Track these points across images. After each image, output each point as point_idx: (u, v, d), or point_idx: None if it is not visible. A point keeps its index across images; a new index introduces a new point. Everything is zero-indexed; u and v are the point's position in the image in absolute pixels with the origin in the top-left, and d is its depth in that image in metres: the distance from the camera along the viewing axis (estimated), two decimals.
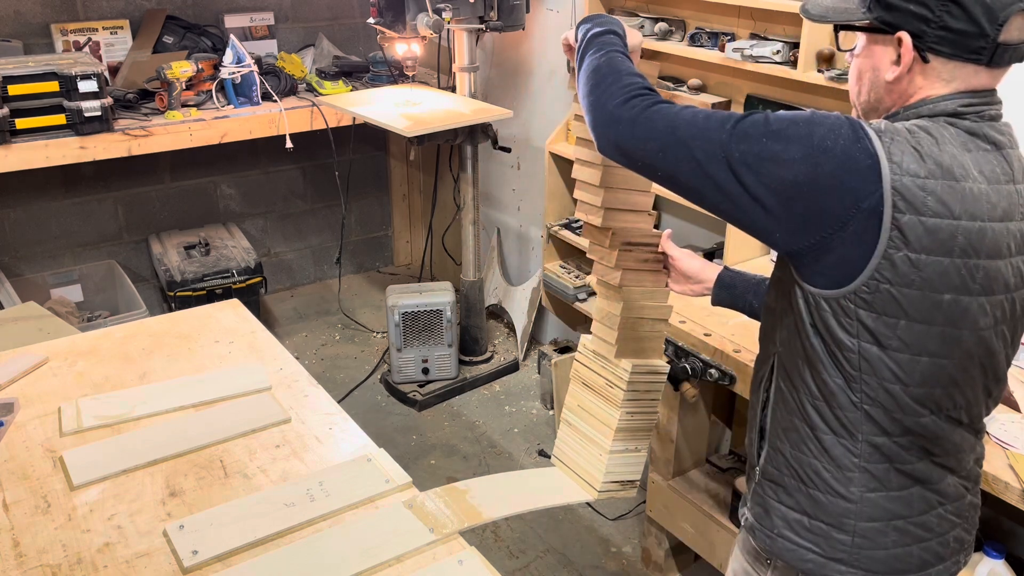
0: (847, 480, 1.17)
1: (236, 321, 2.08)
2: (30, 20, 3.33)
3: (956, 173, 1.04)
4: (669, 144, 1.10)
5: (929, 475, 1.18)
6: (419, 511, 1.42)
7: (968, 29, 1.05)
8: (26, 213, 3.53)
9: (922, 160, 1.03)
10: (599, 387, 1.63)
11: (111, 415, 1.67)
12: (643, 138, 1.12)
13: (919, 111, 1.11)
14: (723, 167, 1.07)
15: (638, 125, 1.13)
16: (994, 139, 1.10)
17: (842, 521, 1.19)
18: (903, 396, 1.11)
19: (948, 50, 1.07)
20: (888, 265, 1.04)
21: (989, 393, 1.19)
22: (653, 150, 1.11)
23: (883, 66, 1.13)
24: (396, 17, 3.01)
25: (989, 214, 1.06)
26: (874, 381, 1.11)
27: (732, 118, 1.08)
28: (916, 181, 1.02)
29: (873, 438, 1.14)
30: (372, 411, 3.37)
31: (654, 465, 2.44)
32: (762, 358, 1.29)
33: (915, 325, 1.07)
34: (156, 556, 1.32)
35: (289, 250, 4.30)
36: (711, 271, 1.56)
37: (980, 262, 1.06)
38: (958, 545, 1.25)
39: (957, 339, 1.09)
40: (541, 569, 2.57)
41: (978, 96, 1.10)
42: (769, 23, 2.48)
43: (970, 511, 1.26)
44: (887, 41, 1.12)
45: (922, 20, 1.07)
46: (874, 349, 1.09)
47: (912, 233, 1.02)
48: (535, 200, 3.59)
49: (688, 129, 1.09)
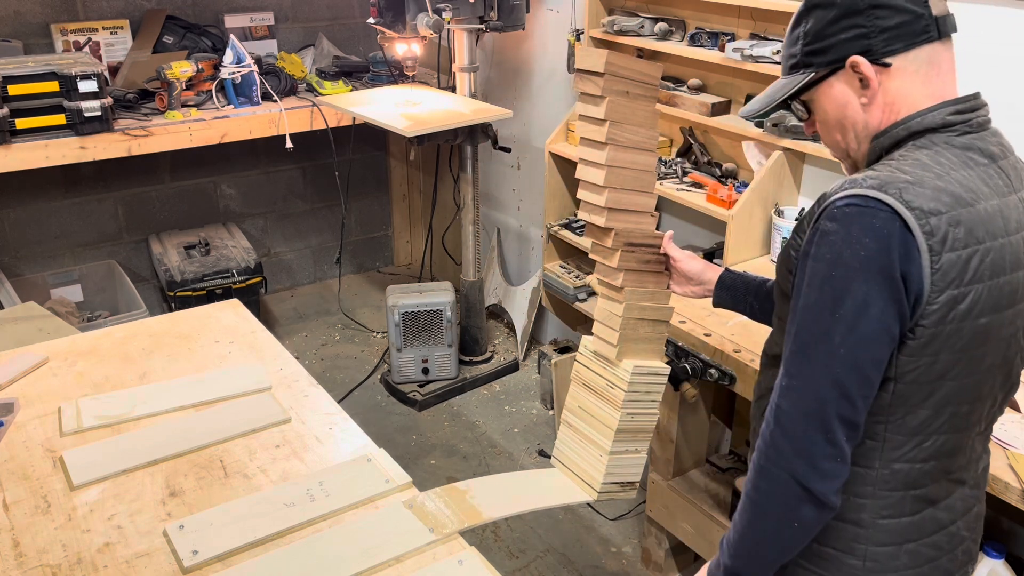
0: (860, 507, 1.15)
1: (236, 321, 2.08)
2: (30, 20, 3.33)
3: (967, 199, 1.04)
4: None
5: (941, 494, 1.17)
6: (419, 511, 1.42)
7: (904, 19, 1.06)
8: (26, 213, 3.53)
9: (938, 198, 1.02)
10: (600, 388, 1.63)
11: (111, 415, 1.67)
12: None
13: (909, 127, 1.10)
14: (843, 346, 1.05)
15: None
16: (988, 152, 1.10)
17: (853, 546, 1.17)
18: (930, 421, 1.10)
19: (900, 44, 1.08)
20: (933, 307, 1.03)
21: (1006, 396, 1.19)
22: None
23: (852, 99, 1.12)
24: (396, 17, 3.01)
25: (1005, 229, 1.06)
26: (901, 411, 1.10)
27: (830, 331, 1.05)
28: (941, 219, 1.01)
29: (893, 464, 1.13)
30: (372, 411, 3.37)
31: (654, 465, 2.44)
32: (770, 374, 1.24)
33: (946, 356, 1.06)
34: (156, 556, 1.32)
35: (289, 250, 4.29)
36: (712, 273, 1.56)
37: (1007, 278, 1.06)
38: (966, 557, 1.24)
39: (983, 356, 1.09)
40: (541, 569, 2.57)
41: (962, 103, 1.10)
42: (769, 23, 2.48)
43: (977, 522, 1.25)
44: (840, 78, 1.12)
45: (861, 38, 1.08)
46: (902, 386, 1.08)
47: (952, 270, 1.02)
48: (535, 200, 3.59)
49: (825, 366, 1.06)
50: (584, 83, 1.47)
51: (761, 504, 1.13)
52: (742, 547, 1.17)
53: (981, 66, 1.88)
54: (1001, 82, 1.95)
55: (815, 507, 1.09)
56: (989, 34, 1.96)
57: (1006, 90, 1.92)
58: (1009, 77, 1.95)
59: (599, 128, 1.48)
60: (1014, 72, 1.94)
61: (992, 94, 1.20)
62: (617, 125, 1.48)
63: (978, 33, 1.96)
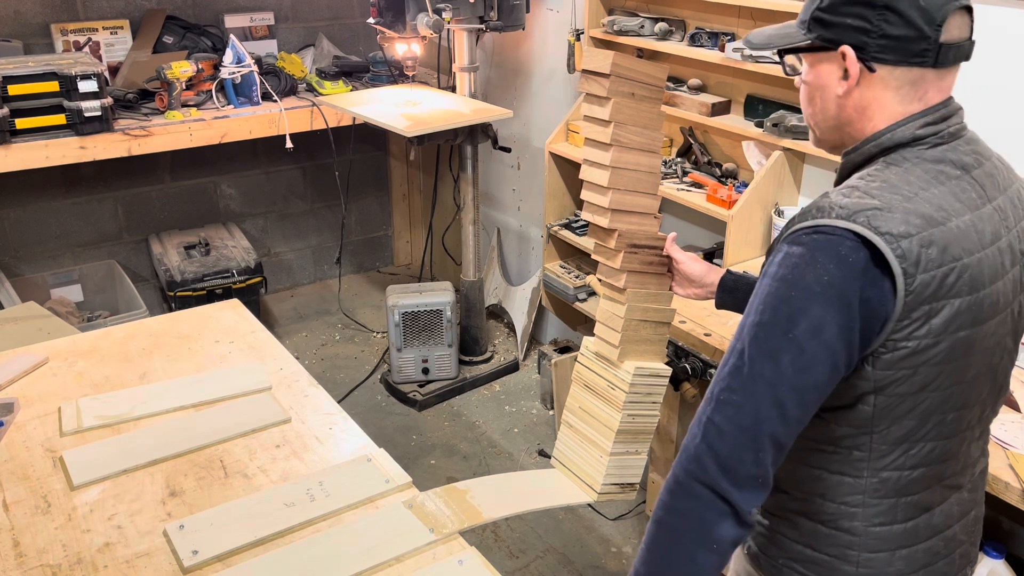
0: (851, 515, 1.15)
1: (236, 321, 2.08)
2: (30, 20, 3.33)
3: (938, 218, 1.03)
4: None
5: (935, 499, 1.16)
6: (419, 511, 1.42)
7: (908, 34, 1.04)
8: (26, 213, 3.53)
9: (907, 220, 1.01)
10: (601, 389, 1.62)
11: (111, 415, 1.67)
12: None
13: (880, 143, 1.09)
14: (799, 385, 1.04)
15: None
16: (961, 163, 1.09)
17: (846, 553, 1.16)
18: (916, 430, 1.10)
19: (892, 57, 1.06)
20: (906, 324, 1.02)
21: (996, 400, 1.18)
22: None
23: (831, 83, 1.12)
24: (396, 17, 3.01)
25: (980, 242, 1.05)
26: (885, 422, 1.09)
27: (781, 360, 1.04)
28: (912, 242, 1.00)
29: (882, 473, 1.12)
30: (372, 411, 3.37)
31: (654, 465, 2.44)
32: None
33: (931, 368, 1.06)
34: (156, 556, 1.32)
35: (289, 250, 4.29)
36: (715, 275, 1.56)
37: (986, 291, 1.05)
38: (964, 560, 1.24)
39: (967, 367, 1.08)
40: (541, 569, 2.57)
41: (932, 113, 1.08)
42: (769, 23, 2.48)
43: (975, 525, 1.25)
44: (831, 58, 1.11)
45: (861, 32, 1.06)
46: (883, 399, 1.07)
47: (925, 290, 1.01)
48: (535, 200, 3.59)
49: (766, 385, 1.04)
50: (589, 84, 1.47)
51: (675, 527, 1.08)
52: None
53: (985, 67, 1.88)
54: (1004, 82, 1.95)
55: (735, 523, 1.05)
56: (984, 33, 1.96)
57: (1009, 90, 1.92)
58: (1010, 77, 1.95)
59: (604, 129, 1.48)
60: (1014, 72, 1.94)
61: (994, 95, 1.19)
62: (622, 126, 1.48)
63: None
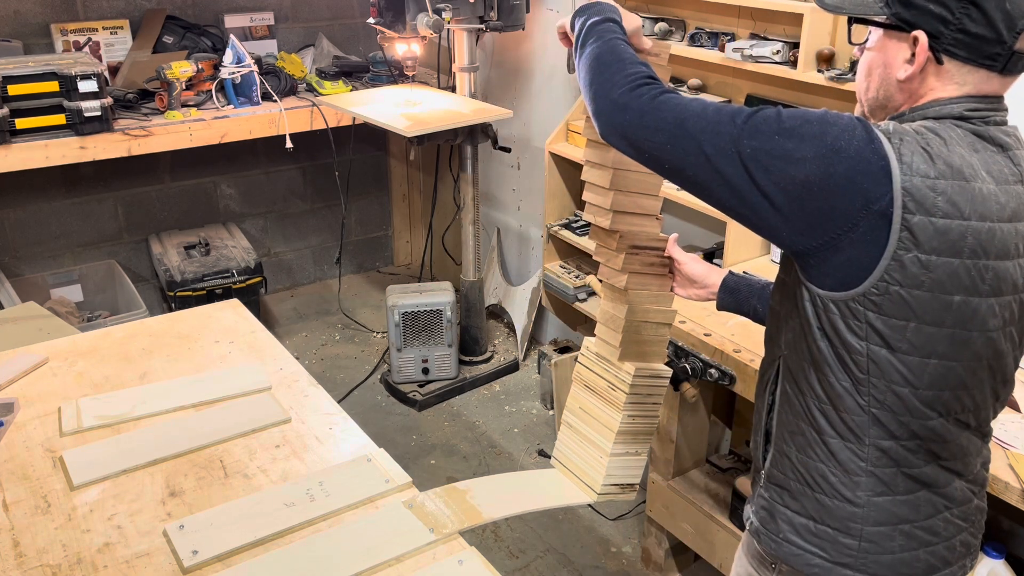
0: (854, 484, 1.16)
1: (236, 321, 2.08)
2: (30, 20, 3.33)
3: (966, 173, 1.04)
4: (677, 136, 1.08)
5: (936, 479, 1.17)
6: (419, 511, 1.42)
7: (986, 34, 1.04)
8: (26, 213, 3.53)
9: (932, 161, 1.02)
10: (601, 390, 1.62)
11: (111, 415, 1.67)
12: (651, 128, 1.10)
13: (925, 112, 1.10)
14: (733, 162, 1.05)
15: (646, 115, 1.10)
16: (1001, 141, 1.10)
17: (848, 525, 1.18)
18: (912, 399, 1.11)
19: (963, 53, 1.06)
20: (898, 266, 1.03)
21: (997, 396, 1.18)
22: (660, 141, 1.09)
23: (895, 64, 1.12)
24: (396, 17, 3.01)
25: (998, 215, 1.05)
26: (882, 384, 1.10)
27: (743, 112, 1.07)
28: (926, 182, 1.01)
29: (880, 442, 1.14)
30: (372, 411, 3.37)
31: (654, 465, 2.44)
32: (767, 361, 1.28)
33: (925, 327, 1.06)
34: (156, 556, 1.32)
35: (289, 250, 4.29)
36: (716, 276, 1.56)
37: (990, 263, 1.05)
38: (964, 549, 1.24)
39: (966, 341, 1.08)
40: (541, 569, 2.57)
41: (985, 102, 1.09)
42: (769, 23, 2.48)
43: (977, 515, 1.25)
44: (902, 39, 1.10)
45: (941, 21, 1.05)
46: (883, 352, 1.08)
47: (922, 234, 1.02)
48: (535, 200, 3.59)
49: (697, 122, 1.07)
50: None
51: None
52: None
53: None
54: None
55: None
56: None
57: None
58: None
59: None
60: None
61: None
62: None
63: None
